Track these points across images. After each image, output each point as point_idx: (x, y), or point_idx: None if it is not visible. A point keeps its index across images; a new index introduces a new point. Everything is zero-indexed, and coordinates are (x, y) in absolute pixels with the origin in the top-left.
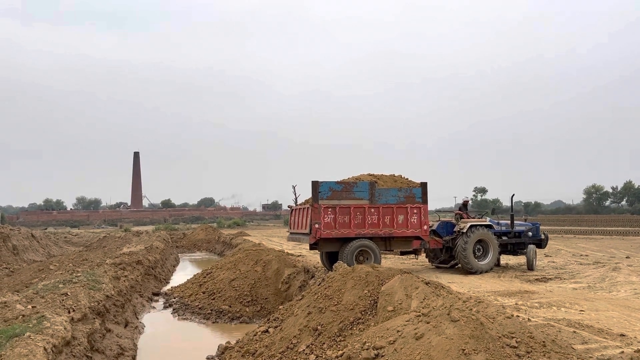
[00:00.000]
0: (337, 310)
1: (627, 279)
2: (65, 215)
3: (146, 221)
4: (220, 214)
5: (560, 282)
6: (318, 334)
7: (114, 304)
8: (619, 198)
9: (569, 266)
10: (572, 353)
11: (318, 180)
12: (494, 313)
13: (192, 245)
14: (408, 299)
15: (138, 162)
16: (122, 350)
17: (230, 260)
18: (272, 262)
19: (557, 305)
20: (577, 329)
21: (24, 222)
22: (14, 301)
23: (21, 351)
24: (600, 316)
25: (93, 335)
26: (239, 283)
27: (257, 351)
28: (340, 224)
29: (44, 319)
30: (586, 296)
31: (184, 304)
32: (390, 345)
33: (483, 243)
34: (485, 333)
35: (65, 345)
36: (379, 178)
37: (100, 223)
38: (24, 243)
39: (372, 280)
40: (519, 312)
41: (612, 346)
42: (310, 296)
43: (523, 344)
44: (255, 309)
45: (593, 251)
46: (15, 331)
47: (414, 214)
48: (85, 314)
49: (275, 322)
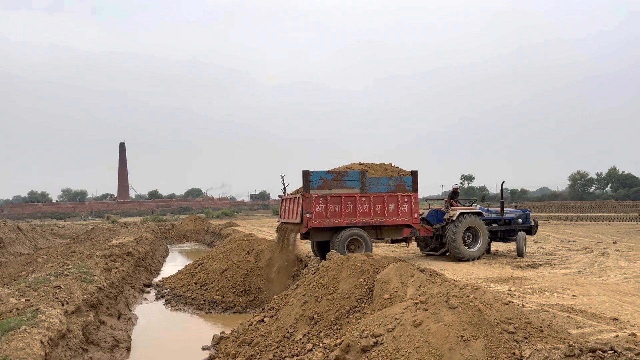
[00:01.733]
0: (333, 298)
1: (616, 264)
2: (50, 207)
3: (133, 212)
4: (208, 204)
5: (551, 268)
6: (314, 322)
7: (106, 296)
8: (604, 184)
9: (558, 252)
10: (569, 337)
11: (309, 170)
12: (491, 300)
13: (181, 236)
14: (404, 286)
15: (124, 153)
16: (117, 342)
17: (222, 251)
18: (264, 252)
19: (549, 290)
20: (570, 313)
21: (8, 215)
22: (6, 294)
23: (18, 345)
24: (592, 301)
25: (88, 328)
26: (231, 273)
27: (254, 341)
28: (331, 213)
29: (38, 312)
30: (577, 281)
31: (176, 294)
32: (389, 332)
33: (473, 230)
34: (483, 319)
35: (61, 338)
36: (370, 167)
37: (87, 215)
38: (10, 236)
39: (367, 268)
40: (513, 298)
41: (606, 330)
42: (306, 285)
43: (521, 329)
44: (249, 299)
45: (580, 237)
46: (11, 325)
47: (405, 202)
48: (79, 306)
49: (271, 312)
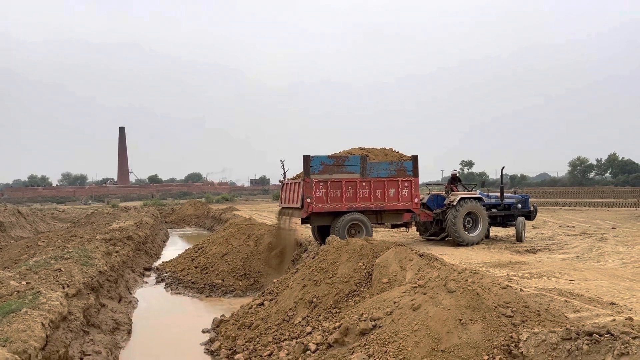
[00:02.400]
0: (332, 282)
1: (614, 249)
2: (51, 191)
3: (133, 197)
4: (208, 189)
5: (549, 253)
6: (314, 306)
7: (107, 279)
8: (603, 170)
9: (557, 237)
10: (566, 321)
11: (309, 155)
12: (489, 284)
13: (181, 221)
14: (403, 271)
15: (124, 137)
16: (118, 324)
17: (222, 235)
18: (264, 237)
19: (547, 275)
20: (568, 298)
21: (8, 199)
22: (7, 277)
23: (19, 327)
24: (589, 285)
25: (88, 310)
26: (231, 257)
27: (253, 324)
28: (332, 198)
29: (39, 294)
30: (575, 266)
31: (177, 278)
32: (387, 316)
33: (473, 215)
34: (481, 303)
35: (62, 321)
36: (370, 152)
37: (87, 199)
38: (10, 220)
39: (366, 253)
40: (511, 283)
41: (603, 314)
42: (305, 269)
43: (518, 313)
44: (249, 283)
45: (579, 222)
46: (12, 307)
47: (405, 187)
48: (80, 289)
49: (271, 295)
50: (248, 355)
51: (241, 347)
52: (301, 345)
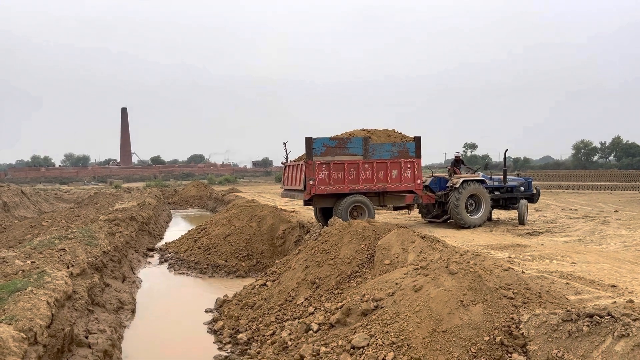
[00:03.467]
0: (335, 264)
1: (617, 232)
2: (54, 171)
3: (136, 178)
4: (211, 170)
5: (552, 235)
6: (316, 287)
7: (110, 259)
8: (607, 153)
9: (559, 220)
10: (566, 303)
11: (312, 137)
12: (491, 266)
13: (184, 202)
14: (405, 252)
15: (126, 118)
16: (122, 304)
17: (225, 216)
18: (266, 218)
19: (549, 258)
20: (569, 280)
21: (12, 179)
22: (12, 256)
23: (25, 305)
24: (591, 268)
25: (93, 290)
26: (234, 238)
27: (256, 304)
28: (334, 180)
29: (44, 273)
30: (577, 249)
31: (180, 259)
32: (389, 297)
33: (475, 198)
34: (483, 285)
35: (67, 299)
36: (373, 133)
37: (90, 180)
38: (14, 200)
39: (368, 234)
40: (513, 265)
41: (604, 296)
42: (308, 250)
43: (520, 295)
44: (251, 264)
45: (582, 205)
46: (17, 286)
47: (408, 168)
48: (84, 269)
49: (273, 276)
50: (251, 334)
51: (244, 326)
52: (303, 325)
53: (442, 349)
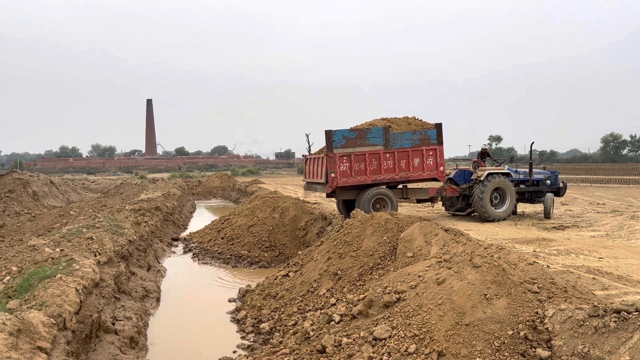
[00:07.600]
0: (357, 255)
1: None
2: (81, 162)
3: (161, 168)
4: (234, 161)
5: (578, 230)
6: (338, 278)
7: (136, 248)
8: (637, 147)
9: (586, 214)
10: (593, 298)
11: (331, 129)
12: (515, 259)
13: (208, 193)
14: (428, 245)
15: (151, 110)
16: (147, 292)
17: (248, 207)
18: (289, 209)
19: (575, 252)
20: (596, 275)
21: (41, 169)
22: (42, 244)
23: (54, 292)
24: (619, 263)
25: (119, 278)
26: (257, 229)
27: (278, 294)
28: (356, 172)
29: (73, 261)
30: (604, 244)
31: (204, 249)
32: (411, 289)
33: (500, 191)
34: (507, 279)
35: (95, 287)
36: (393, 122)
37: (116, 170)
38: (43, 189)
39: (391, 227)
40: (538, 259)
41: (632, 292)
42: (330, 242)
43: (545, 289)
44: (274, 254)
45: (610, 200)
46: (47, 273)
47: (430, 155)
48: (111, 257)
49: (295, 267)
50: (273, 324)
51: (266, 316)
52: (325, 315)
53: (464, 342)
